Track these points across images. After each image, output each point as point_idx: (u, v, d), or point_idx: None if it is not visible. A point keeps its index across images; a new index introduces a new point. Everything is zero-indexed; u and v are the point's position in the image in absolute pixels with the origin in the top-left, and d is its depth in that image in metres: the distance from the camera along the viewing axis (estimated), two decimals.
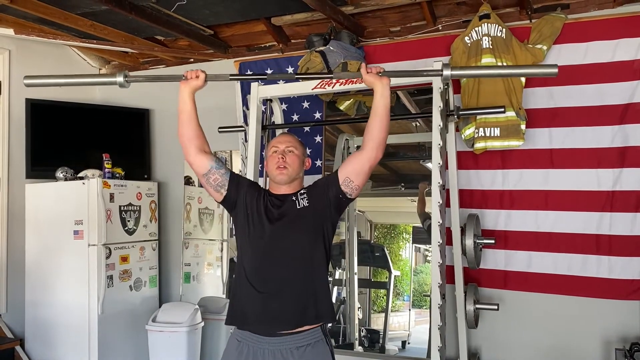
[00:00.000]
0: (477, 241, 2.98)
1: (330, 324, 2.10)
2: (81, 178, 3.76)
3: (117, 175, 3.89)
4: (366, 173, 1.99)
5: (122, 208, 3.82)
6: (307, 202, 2.03)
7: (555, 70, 1.78)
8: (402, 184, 4.13)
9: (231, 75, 2.16)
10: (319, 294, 1.98)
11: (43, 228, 3.78)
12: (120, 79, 2.04)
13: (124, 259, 3.81)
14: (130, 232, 3.88)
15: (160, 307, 3.89)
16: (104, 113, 4.31)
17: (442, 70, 1.86)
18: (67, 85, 2.21)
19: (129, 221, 3.87)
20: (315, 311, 1.97)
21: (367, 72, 1.97)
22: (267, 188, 2.17)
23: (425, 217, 3.59)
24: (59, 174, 3.80)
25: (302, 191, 2.08)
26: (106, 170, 3.82)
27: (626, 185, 2.99)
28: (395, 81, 2.91)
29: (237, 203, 2.06)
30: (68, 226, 3.67)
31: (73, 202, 3.67)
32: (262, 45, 3.99)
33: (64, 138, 4.06)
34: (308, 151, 2.26)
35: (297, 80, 3.04)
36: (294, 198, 2.05)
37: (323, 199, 2.02)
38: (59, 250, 3.70)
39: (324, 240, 2.02)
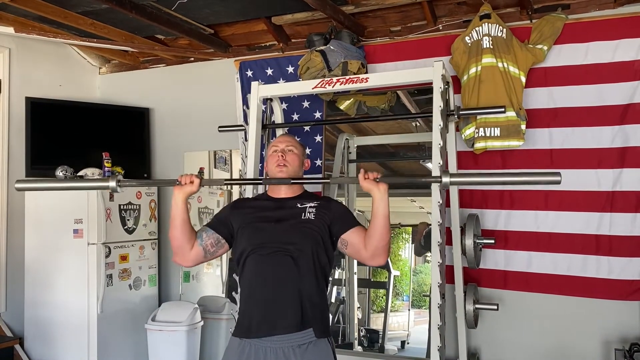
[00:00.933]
0: (477, 241, 2.98)
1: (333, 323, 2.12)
2: (81, 177, 3.75)
3: (117, 174, 3.88)
4: (354, 257, 2.07)
5: (121, 207, 3.81)
6: (314, 217, 2.03)
7: (559, 178, 1.78)
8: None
9: (226, 180, 2.18)
10: (319, 304, 1.99)
11: (43, 227, 3.78)
12: (112, 183, 2.01)
13: (124, 258, 3.81)
14: (129, 231, 3.88)
15: (159, 306, 3.89)
16: (103, 112, 4.31)
17: (440, 178, 1.86)
18: (60, 190, 2.17)
19: (128, 220, 3.86)
20: (316, 315, 1.97)
21: (365, 179, 1.93)
22: (265, 191, 2.17)
23: (420, 250, 3.67)
24: (59, 172, 3.78)
25: (312, 204, 2.07)
26: (106, 169, 3.82)
27: (626, 185, 2.98)
28: (395, 81, 2.93)
29: (236, 233, 2.07)
30: (67, 225, 3.66)
31: (73, 200, 3.67)
32: (263, 45, 3.99)
33: (63, 137, 4.05)
34: (308, 151, 2.27)
35: (296, 75, 2.95)
36: (298, 205, 2.05)
37: (325, 226, 2.03)
38: (59, 249, 3.70)
39: (325, 253, 2.02)
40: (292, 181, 2.08)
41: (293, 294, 1.95)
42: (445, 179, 1.84)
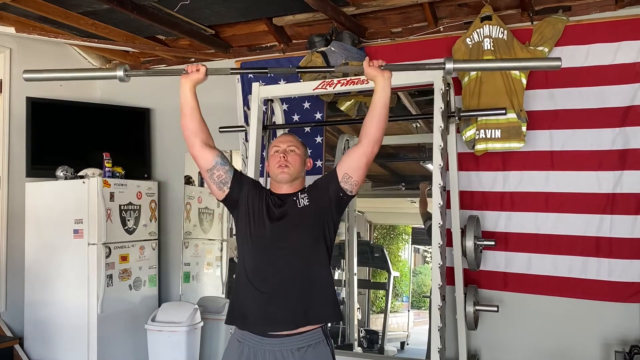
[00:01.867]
0: (478, 243, 2.98)
1: (334, 323, 2.11)
2: (81, 177, 3.75)
3: (117, 174, 3.89)
4: (363, 168, 1.99)
5: (122, 207, 3.81)
6: (308, 201, 2.02)
7: (559, 63, 1.78)
8: (403, 184, 4.12)
9: (232, 69, 2.17)
10: (321, 295, 1.97)
11: (43, 227, 3.78)
12: (120, 72, 2.04)
13: (124, 258, 3.80)
14: (130, 232, 3.87)
15: (159, 306, 3.89)
16: (104, 112, 4.31)
17: (444, 64, 1.86)
18: (66, 79, 2.20)
19: (128, 220, 3.86)
20: (317, 312, 1.96)
21: (370, 66, 1.94)
22: (268, 188, 2.17)
23: (427, 217, 3.58)
24: (59, 172, 3.80)
25: (302, 190, 2.08)
26: (106, 169, 3.82)
27: (627, 187, 2.99)
28: (397, 82, 2.92)
29: (239, 202, 2.05)
30: (68, 225, 3.66)
31: (73, 201, 3.67)
32: (264, 46, 3.99)
33: (64, 137, 4.05)
34: (309, 151, 2.26)
35: (297, 74, 2.99)
36: (294, 198, 2.04)
37: (324, 198, 2.01)
38: (59, 249, 3.69)
39: (325, 240, 2.01)
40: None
41: (293, 294, 1.94)
42: (449, 65, 1.85)
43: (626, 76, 2.99)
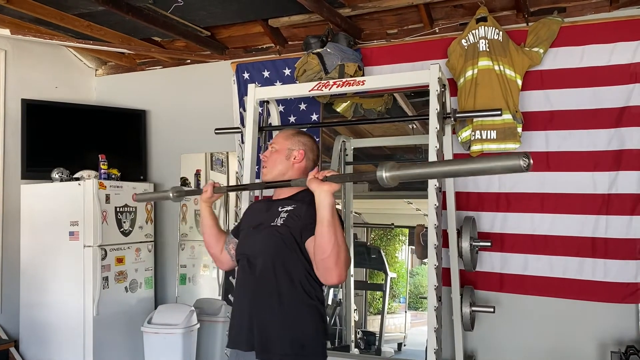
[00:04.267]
0: (473, 244, 2.98)
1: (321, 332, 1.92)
2: (77, 179, 3.74)
3: (113, 176, 3.88)
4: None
5: (117, 209, 3.80)
6: (281, 223, 1.87)
7: (519, 163, 1.21)
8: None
9: (228, 187, 2.25)
10: (293, 321, 1.82)
11: (38, 229, 3.76)
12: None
13: (120, 260, 3.79)
14: (126, 234, 3.86)
15: (155, 308, 3.87)
16: (100, 114, 4.30)
17: (375, 174, 1.48)
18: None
19: (124, 222, 3.85)
20: (286, 339, 1.80)
21: (314, 177, 1.70)
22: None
23: (424, 257, 3.63)
24: (55, 174, 3.79)
25: (289, 207, 1.91)
26: (102, 171, 3.81)
27: (622, 188, 2.99)
28: (391, 84, 2.93)
29: None
30: (63, 227, 3.65)
31: (68, 203, 3.66)
32: (260, 47, 3.99)
33: (59, 139, 4.04)
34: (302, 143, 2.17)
35: (293, 75, 2.90)
36: (279, 208, 1.93)
37: (291, 233, 1.84)
38: (54, 251, 3.68)
39: (299, 257, 1.84)
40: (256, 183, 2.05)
41: (261, 312, 1.85)
42: (380, 173, 1.45)
43: (621, 77, 2.99)
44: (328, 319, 3.86)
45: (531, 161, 1.21)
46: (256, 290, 1.88)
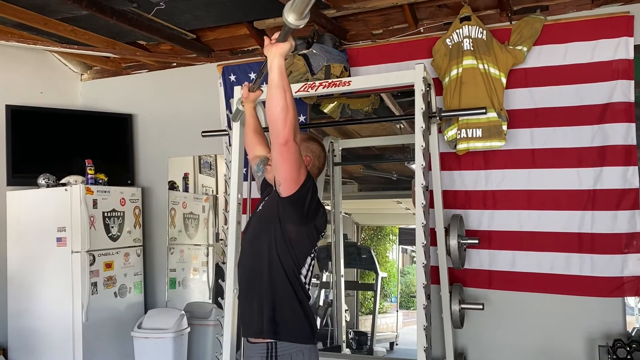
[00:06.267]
0: (461, 241, 3.00)
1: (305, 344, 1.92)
2: (63, 184, 3.72)
3: (100, 181, 3.85)
4: (281, 166, 1.74)
5: (105, 214, 3.78)
6: (268, 196, 2.00)
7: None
8: (394, 173, 4.12)
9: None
10: (276, 306, 1.86)
11: (25, 235, 3.74)
12: None
13: (108, 266, 3.77)
14: (114, 238, 3.84)
15: (145, 313, 3.86)
16: (86, 118, 4.27)
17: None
18: None
19: (112, 227, 3.83)
20: (270, 324, 1.85)
21: (266, 44, 1.70)
22: None
23: None
24: (41, 180, 3.76)
25: (269, 189, 2.03)
26: (89, 176, 3.79)
27: (607, 183, 3.02)
28: (377, 84, 2.94)
29: None
30: (51, 233, 3.63)
31: (55, 209, 3.63)
32: (245, 49, 3.98)
33: (45, 144, 4.02)
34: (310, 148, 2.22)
35: None
36: (264, 194, 2.05)
37: (274, 199, 1.89)
38: (42, 257, 3.66)
39: (284, 247, 1.88)
40: None
41: (253, 296, 1.91)
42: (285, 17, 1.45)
43: (604, 74, 3.02)
44: (319, 319, 3.88)
45: None
46: (247, 271, 1.96)
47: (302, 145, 2.06)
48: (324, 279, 3.99)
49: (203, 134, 3.46)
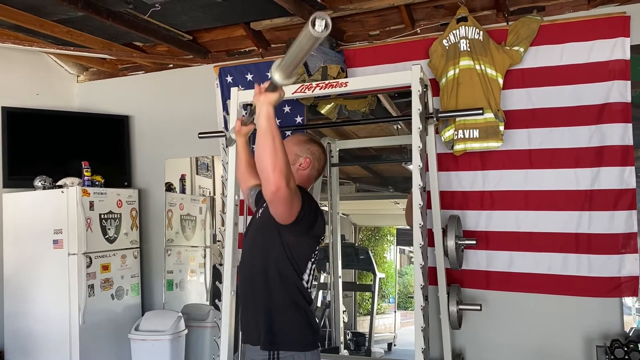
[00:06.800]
0: (459, 242, 2.99)
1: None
2: (60, 186, 3.70)
3: (97, 183, 3.84)
4: (273, 208, 1.75)
5: (102, 216, 3.77)
6: (261, 213, 1.97)
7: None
8: (390, 187, 4.13)
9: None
10: (275, 317, 1.86)
11: (21, 238, 3.72)
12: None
13: (105, 268, 3.76)
14: (111, 240, 3.83)
15: (142, 315, 3.85)
16: (82, 120, 4.26)
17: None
18: None
19: (109, 229, 3.82)
20: (267, 336, 1.85)
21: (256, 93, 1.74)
22: None
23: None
24: (37, 182, 3.75)
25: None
26: (85, 178, 3.77)
27: (604, 184, 3.02)
28: (374, 85, 2.93)
29: None
30: (47, 235, 3.61)
31: (52, 211, 3.62)
32: (242, 50, 3.98)
33: (41, 146, 4.00)
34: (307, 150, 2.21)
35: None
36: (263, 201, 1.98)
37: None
38: (38, 260, 3.64)
39: (283, 255, 1.88)
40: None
41: (252, 305, 1.92)
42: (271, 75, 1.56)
43: (600, 74, 3.02)
44: (317, 320, 3.87)
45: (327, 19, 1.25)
46: (247, 278, 1.97)
47: (303, 147, 2.07)
48: (322, 280, 3.98)
49: (200, 135, 3.45)
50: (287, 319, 1.87)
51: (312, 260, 1.96)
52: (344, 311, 3.94)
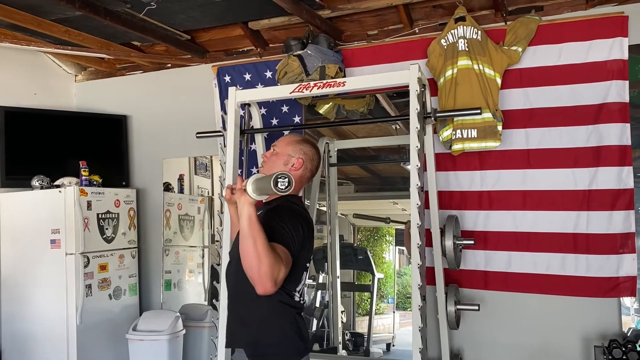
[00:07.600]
0: (457, 242, 2.99)
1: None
2: (57, 186, 3.69)
3: (95, 182, 3.83)
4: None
5: (100, 216, 3.76)
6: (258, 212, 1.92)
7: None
8: (389, 219, 4.15)
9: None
10: (261, 329, 1.84)
11: (19, 238, 3.71)
12: None
13: (103, 268, 3.75)
14: (108, 240, 3.82)
15: (140, 315, 3.84)
16: (80, 120, 4.25)
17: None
18: None
19: (107, 229, 3.81)
20: (251, 348, 1.83)
21: (238, 188, 1.73)
22: None
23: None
24: (35, 182, 3.74)
25: (267, 207, 1.91)
26: (83, 177, 3.77)
27: (602, 184, 3.02)
28: (372, 85, 2.93)
29: None
30: (45, 235, 3.60)
31: (49, 210, 3.61)
32: (240, 50, 3.97)
33: (39, 146, 3.99)
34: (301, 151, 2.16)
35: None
36: (262, 210, 1.91)
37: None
38: (36, 260, 3.63)
39: None
40: None
41: (238, 308, 1.91)
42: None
43: (598, 74, 3.02)
44: (316, 321, 3.86)
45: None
46: (232, 292, 1.97)
47: (296, 147, 2.03)
48: (320, 280, 3.98)
49: (198, 135, 3.45)
50: (275, 328, 1.84)
51: (304, 271, 1.92)
52: (342, 311, 3.94)
